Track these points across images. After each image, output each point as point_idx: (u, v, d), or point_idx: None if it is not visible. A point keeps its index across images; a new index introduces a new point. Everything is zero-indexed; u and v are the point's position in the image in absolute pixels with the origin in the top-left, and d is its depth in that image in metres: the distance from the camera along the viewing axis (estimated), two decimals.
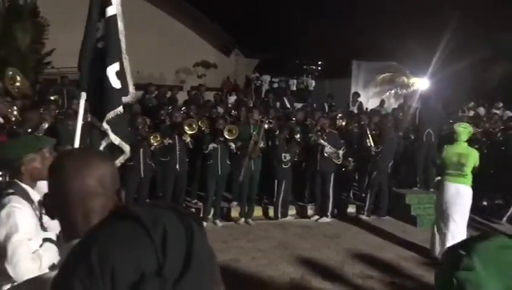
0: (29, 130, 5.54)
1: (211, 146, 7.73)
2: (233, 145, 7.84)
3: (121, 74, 3.60)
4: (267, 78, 17.89)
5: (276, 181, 8.36)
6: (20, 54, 14.90)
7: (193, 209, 8.38)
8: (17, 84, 8.02)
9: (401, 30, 17.01)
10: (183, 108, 9.27)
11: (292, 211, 8.79)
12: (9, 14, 14.50)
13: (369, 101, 16.65)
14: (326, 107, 12.39)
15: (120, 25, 3.64)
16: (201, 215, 8.00)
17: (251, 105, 11.89)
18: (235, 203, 8.51)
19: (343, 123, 9.50)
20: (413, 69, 17.42)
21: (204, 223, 7.90)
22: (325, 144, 8.25)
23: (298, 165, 8.74)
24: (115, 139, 3.75)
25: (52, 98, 8.64)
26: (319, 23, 20.26)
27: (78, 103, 7.81)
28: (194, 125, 7.74)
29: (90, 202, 1.26)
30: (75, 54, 3.70)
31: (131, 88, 3.73)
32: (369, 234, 7.87)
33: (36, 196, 2.98)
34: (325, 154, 8.27)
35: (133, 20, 3.79)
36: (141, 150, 7.37)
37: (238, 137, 7.86)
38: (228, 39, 20.38)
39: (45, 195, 1.38)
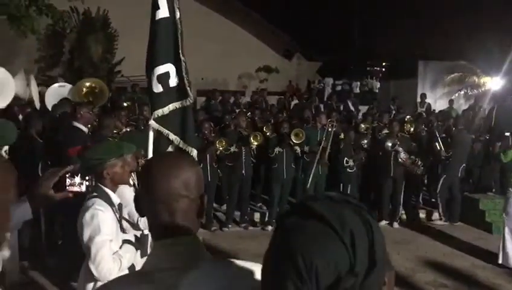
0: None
1: (276, 150, 7.77)
2: (298, 149, 7.82)
3: (174, 76, 3.59)
4: (329, 81, 17.66)
5: (341, 185, 8.24)
6: (92, 64, 15.73)
7: (258, 213, 8.45)
8: (96, 91, 8.52)
9: (470, 26, 16.21)
10: (248, 113, 9.35)
11: None
12: (83, 26, 15.34)
13: (437, 102, 16.03)
14: (393, 110, 12.06)
15: (178, 28, 3.62)
16: (267, 219, 8.05)
17: (313, 109, 11.85)
18: None
19: (412, 128, 9.16)
20: (484, 67, 16.54)
21: (269, 228, 7.94)
22: (400, 149, 7.99)
23: (363, 170, 8.56)
24: (177, 140, 3.79)
25: (125, 104, 9.01)
26: (382, 23, 19.77)
27: (148, 110, 8.12)
28: (259, 137, 7.81)
29: (175, 204, 1.30)
30: (144, 62, 3.79)
31: (189, 91, 3.71)
32: (440, 240, 7.55)
33: (117, 200, 3.13)
34: (400, 160, 8.01)
35: (199, 29, 3.83)
36: (207, 155, 7.52)
37: (305, 141, 7.84)
38: (290, 43, 20.37)
39: (136, 194, 1.45)
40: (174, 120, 3.69)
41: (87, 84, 8.47)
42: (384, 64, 19.80)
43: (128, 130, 6.44)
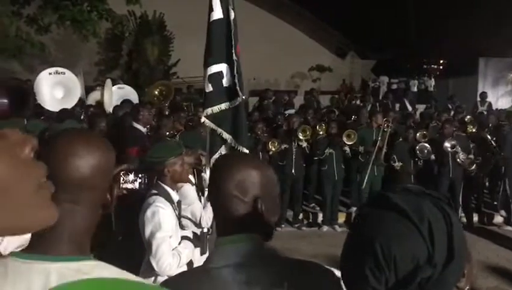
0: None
1: (327, 152, 7.70)
2: (348, 150, 7.73)
3: (228, 76, 3.65)
4: (385, 79, 17.29)
5: None
6: (149, 66, 16.24)
7: (311, 214, 8.41)
8: (164, 93, 8.86)
9: None
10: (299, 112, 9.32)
11: None
12: (140, 29, 15.86)
13: (499, 100, 15.32)
14: (452, 109, 11.62)
15: (232, 29, 3.67)
16: (321, 220, 7.99)
17: (369, 108, 11.62)
18: (354, 208, 8.36)
19: (473, 128, 8.75)
20: None
21: (324, 228, 7.88)
22: (459, 150, 7.69)
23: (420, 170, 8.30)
24: (230, 139, 3.84)
25: (185, 104, 9.27)
26: (439, 19, 19.07)
27: (203, 110, 8.24)
28: (308, 132, 7.75)
29: (227, 204, 1.32)
30: (198, 63, 3.89)
31: (239, 90, 3.74)
32: (503, 245, 7.20)
33: (176, 197, 3.22)
34: (458, 161, 7.72)
35: (251, 29, 3.87)
36: (260, 155, 7.55)
37: (359, 142, 7.72)
38: (343, 42, 20.15)
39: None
40: (227, 119, 3.75)
41: (156, 92, 8.79)
42: (442, 61, 19.13)
43: (185, 129, 6.59)
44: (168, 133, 6.03)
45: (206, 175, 3.86)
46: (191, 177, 3.65)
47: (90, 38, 10.43)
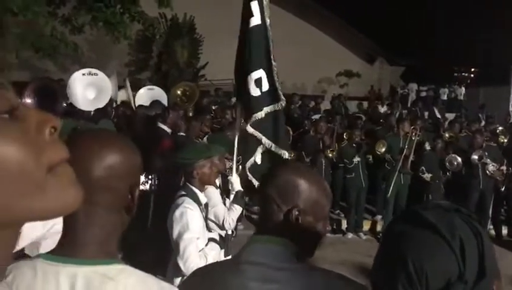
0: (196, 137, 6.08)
1: (355, 160, 7.66)
2: (370, 157, 7.67)
3: (266, 81, 3.74)
4: (413, 86, 17.03)
5: (425, 196, 7.92)
6: (178, 68, 16.43)
7: (335, 221, 8.36)
8: (188, 94, 8.97)
9: None
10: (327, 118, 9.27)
11: None
12: (171, 32, 16.06)
13: None
14: (482, 119, 11.39)
15: (269, 34, 3.77)
16: (346, 227, 7.94)
17: (397, 115, 11.49)
18: (379, 216, 8.28)
19: (505, 139, 8.56)
20: None
21: (349, 235, 7.82)
22: (488, 161, 7.55)
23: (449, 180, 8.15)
24: (269, 144, 3.90)
25: (213, 107, 9.34)
26: (470, 25, 18.71)
27: (231, 113, 8.32)
28: (335, 151, 7.77)
29: (265, 205, 1.35)
30: (226, 66, 3.95)
31: (281, 94, 3.85)
32: None
33: (204, 199, 3.26)
34: (488, 172, 7.57)
35: (278, 32, 3.90)
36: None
37: (387, 150, 7.65)
38: (372, 47, 19.96)
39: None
40: (266, 124, 3.82)
41: (179, 92, 8.89)
42: (473, 70, 18.76)
43: (211, 132, 6.65)
44: (195, 135, 6.12)
45: (232, 178, 3.89)
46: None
47: (122, 40, 10.60)
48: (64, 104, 7.32)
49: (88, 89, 7.43)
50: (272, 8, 3.90)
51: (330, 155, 7.80)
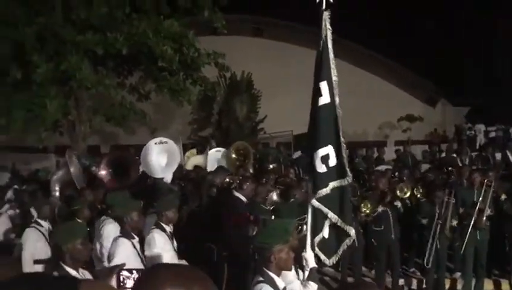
0: (268, 207, 6.13)
1: (424, 221, 7.33)
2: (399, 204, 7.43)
3: (334, 156, 3.81)
4: (481, 127, 16.27)
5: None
6: (238, 123, 16.84)
7: (412, 279, 7.97)
8: (242, 152, 9.12)
9: None
10: (396, 173, 9.02)
11: None
12: (230, 89, 16.61)
13: None
14: None
15: (338, 112, 3.88)
16: (424, 286, 7.54)
17: (466, 160, 11.05)
18: (458, 273, 7.80)
19: None
20: None
21: None
22: None
23: None
24: (335, 218, 3.91)
25: (271, 166, 9.37)
26: None
27: (294, 172, 8.32)
28: (407, 189, 7.47)
29: None
30: (284, 119, 4.08)
31: (348, 171, 3.90)
32: None
33: (282, 284, 3.23)
34: None
35: (339, 84, 3.98)
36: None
37: (461, 203, 7.29)
38: (433, 89, 19.48)
39: None
40: (333, 198, 3.90)
41: (234, 155, 9.05)
42: None
43: (277, 199, 6.65)
44: (263, 201, 6.16)
45: (306, 254, 3.86)
46: None
47: (185, 104, 11.09)
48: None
49: (160, 157, 7.76)
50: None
51: (398, 205, 7.50)
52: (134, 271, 3.41)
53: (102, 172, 7.38)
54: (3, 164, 12.23)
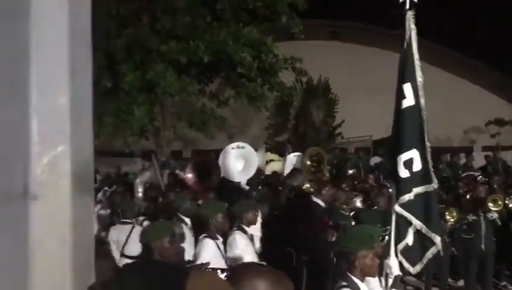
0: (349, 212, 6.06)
1: None
2: (494, 215, 6.85)
3: (419, 161, 3.65)
4: None
5: None
6: (314, 128, 16.73)
7: None
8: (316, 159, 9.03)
9: None
10: (485, 179, 8.49)
11: None
12: (306, 94, 16.55)
13: None
14: None
15: (423, 114, 3.73)
16: None
17: None
18: None
19: None
20: None
21: None
22: None
23: None
24: (420, 225, 3.75)
25: (350, 172, 9.22)
26: None
27: (374, 178, 8.12)
28: (500, 201, 7.00)
29: None
30: (362, 123, 3.95)
31: (433, 176, 3.75)
32: None
33: (366, 289, 3.17)
34: None
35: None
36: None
37: None
38: None
39: None
40: (417, 205, 3.74)
41: (308, 162, 8.97)
42: None
43: (360, 206, 6.54)
44: (342, 206, 6.08)
45: (390, 261, 3.76)
46: None
47: (262, 109, 11.24)
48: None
49: (237, 161, 7.95)
50: None
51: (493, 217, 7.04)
52: (218, 271, 3.52)
53: (188, 175, 7.69)
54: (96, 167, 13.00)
